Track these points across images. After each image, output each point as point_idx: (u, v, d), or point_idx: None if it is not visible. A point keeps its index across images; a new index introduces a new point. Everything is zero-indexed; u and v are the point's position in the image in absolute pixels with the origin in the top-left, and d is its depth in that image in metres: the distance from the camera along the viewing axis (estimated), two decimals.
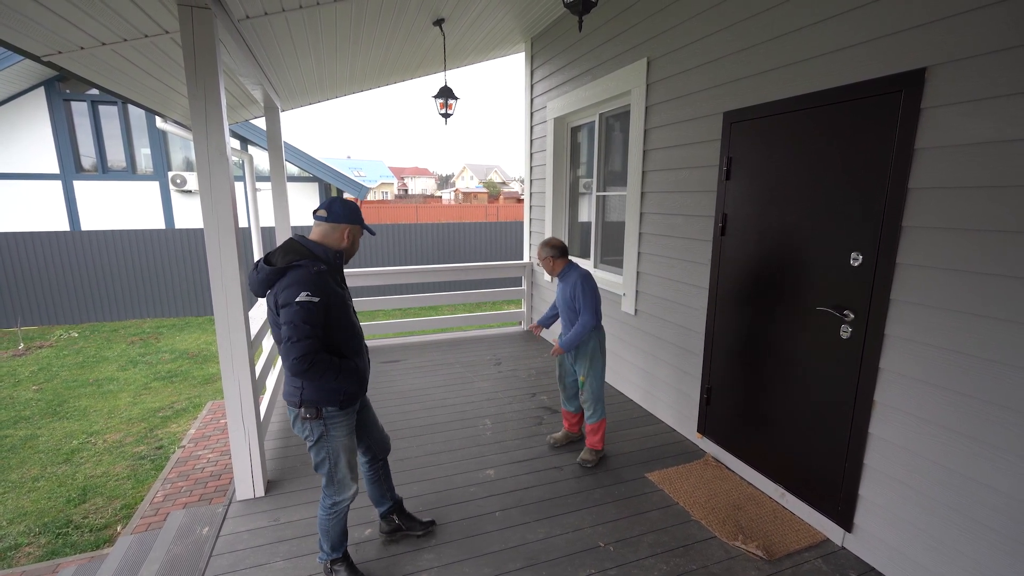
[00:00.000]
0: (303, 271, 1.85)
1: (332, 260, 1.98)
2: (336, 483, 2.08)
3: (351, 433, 2.11)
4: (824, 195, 2.43)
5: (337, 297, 1.95)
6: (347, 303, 2.05)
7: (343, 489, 2.10)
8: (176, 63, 3.40)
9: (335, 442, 2.04)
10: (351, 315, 2.07)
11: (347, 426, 2.07)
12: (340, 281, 2.05)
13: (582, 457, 3.18)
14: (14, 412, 5.42)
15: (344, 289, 2.08)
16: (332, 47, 4.09)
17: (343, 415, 2.04)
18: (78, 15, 2.47)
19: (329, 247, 1.98)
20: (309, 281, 1.83)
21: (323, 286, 1.87)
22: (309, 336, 1.80)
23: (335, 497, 2.10)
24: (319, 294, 1.84)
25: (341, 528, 2.18)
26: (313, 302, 1.81)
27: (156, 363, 7.00)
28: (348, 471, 2.09)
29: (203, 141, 2.45)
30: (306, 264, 1.88)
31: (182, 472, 4.24)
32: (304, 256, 1.91)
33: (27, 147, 9.52)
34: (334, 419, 2.01)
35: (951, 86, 1.90)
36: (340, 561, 2.23)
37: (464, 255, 11.66)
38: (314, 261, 1.91)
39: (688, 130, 3.30)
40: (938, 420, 2.03)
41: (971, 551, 1.95)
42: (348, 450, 2.08)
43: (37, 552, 3.38)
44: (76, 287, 8.93)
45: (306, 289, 1.81)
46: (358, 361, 2.05)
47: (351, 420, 2.10)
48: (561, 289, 3.12)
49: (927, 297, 2.03)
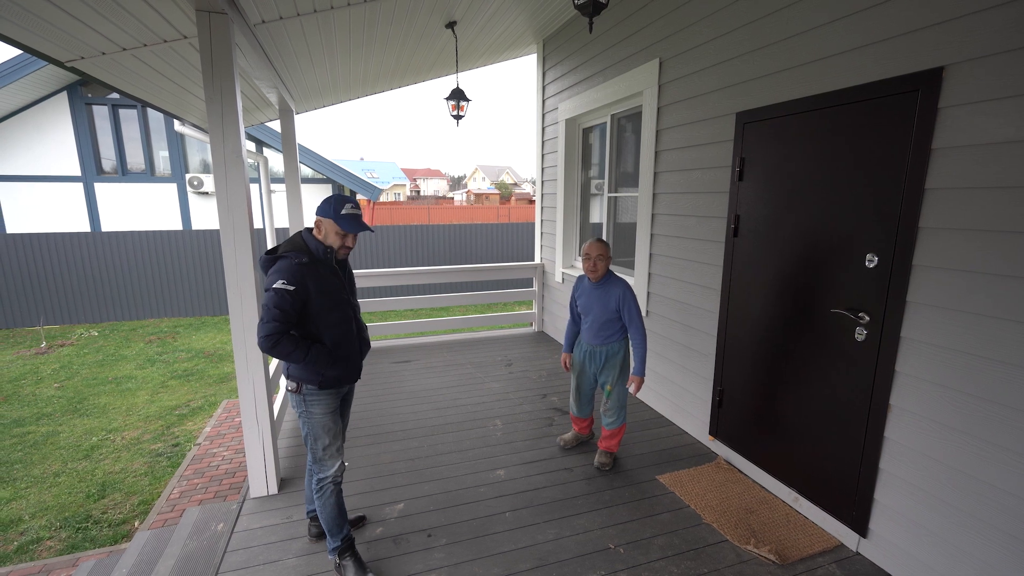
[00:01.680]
0: (286, 262, 2.04)
1: (322, 253, 2.13)
2: (318, 460, 2.22)
3: (331, 413, 2.22)
4: (839, 196, 2.40)
5: (322, 288, 2.10)
6: (338, 294, 2.17)
7: (324, 466, 2.22)
8: (194, 67, 3.47)
9: (314, 419, 2.19)
10: (342, 306, 2.19)
11: (326, 405, 2.19)
12: (336, 273, 2.18)
13: (600, 461, 3.14)
14: (36, 409, 5.56)
15: (343, 280, 2.23)
16: (346, 50, 4.13)
17: (323, 394, 2.18)
18: (100, 22, 2.54)
19: (320, 241, 2.15)
20: (288, 271, 2.01)
21: (301, 277, 2.03)
22: (276, 319, 1.99)
23: (319, 473, 2.23)
24: (294, 283, 2.01)
25: (333, 507, 2.25)
26: (287, 290, 1.99)
27: (173, 362, 7.12)
28: (328, 448, 2.21)
29: (219, 144, 2.50)
30: (291, 256, 2.06)
31: (198, 469, 4.31)
32: (297, 248, 2.10)
33: (50, 150, 9.76)
34: (313, 396, 2.17)
35: (969, 85, 1.87)
36: (347, 554, 2.27)
37: (475, 256, 11.69)
38: (299, 253, 2.08)
39: (700, 131, 3.28)
40: (955, 424, 1.99)
41: (988, 557, 1.91)
42: (327, 429, 2.21)
43: (58, 546, 3.46)
44: (96, 287, 9.13)
45: (283, 278, 2.00)
46: (339, 348, 2.18)
47: (331, 401, 2.21)
48: (600, 296, 2.95)
49: (944, 299, 2.00)
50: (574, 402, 3.29)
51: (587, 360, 3.11)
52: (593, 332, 3.02)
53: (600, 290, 2.97)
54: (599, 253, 2.91)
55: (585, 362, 3.12)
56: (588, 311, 3.02)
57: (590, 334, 3.04)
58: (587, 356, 3.10)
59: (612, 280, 2.97)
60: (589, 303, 3.00)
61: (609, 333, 2.99)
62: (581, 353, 3.13)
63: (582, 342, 3.12)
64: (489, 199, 50.32)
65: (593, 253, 2.92)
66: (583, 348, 3.11)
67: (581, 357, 3.14)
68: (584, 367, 3.14)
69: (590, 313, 3.01)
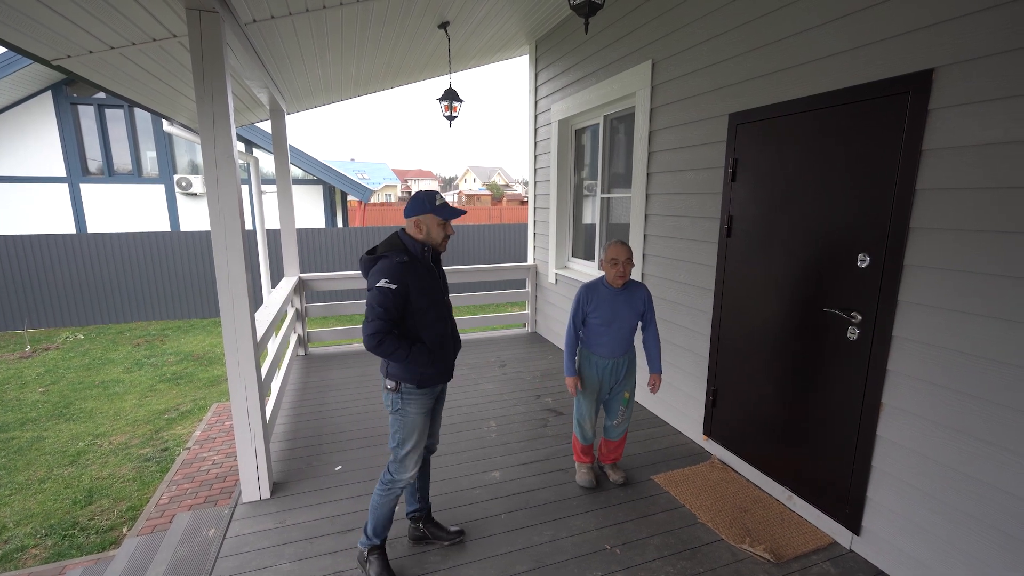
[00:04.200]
0: (387, 261, 2.07)
1: (419, 252, 2.15)
2: (400, 460, 2.21)
3: (425, 413, 2.22)
4: (831, 196, 2.42)
5: (420, 286, 2.10)
6: (434, 293, 2.18)
7: (403, 468, 2.21)
8: (183, 67, 3.42)
9: (409, 418, 2.18)
10: (438, 305, 2.20)
11: (422, 404, 2.20)
12: (431, 271, 2.19)
13: (621, 476, 2.99)
14: (21, 414, 5.45)
15: (437, 279, 2.23)
16: (338, 50, 4.11)
17: (420, 393, 2.18)
18: (88, 19, 2.49)
19: (416, 240, 2.16)
20: (389, 270, 2.04)
21: (402, 275, 2.04)
22: (381, 317, 2.02)
23: (395, 475, 2.22)
24: (397, 282, 2.02)
25: (388, 511, 2.26)
26: (390, 288, 2.01)
27: (162, 365, 7.02)
28: (412, 451, 2.21)
29: (210, 144, 2.47)
30: (391, 255, 2.09)
31: (188, 474, 4.25)
32: (396, 248, 2.13)
33: (34, 150, 9.60)
34: (411, 395, 2.17)
35: (959, 87, 1.90)
36: (376, 551, 2.28)
37: (467, 257, 11.66)
38: (399, 253, 2.10)
39: (693, 132, 3.30)
40: (946, 422, 2.02)
41: (980, 554, 1.93)
42: (419, 431, 2.20)
43: (43, 554, 3.39)
44: (82, 289, 8.98)
45: (386, 276, 2.03)
46: (437, 347, 2.19)
47: (427, 400, 2.22)
48: (627, 300, 2.73)
49: (935, 299, 2.02)
50: (589, 428, 2.91)
51: (607, 375, 2.80)
52: (618, 342, 2.75)
53: (625, 294, 2.73)
54: (627, 256, 2.65)
55: (606, 378, 2.81)
56: (613, 320, 2.71)
57: (614, 344, 2.75)
58: (608, 371, 2.79)
59: (632, 283, 2.78)
60: (615, 311, 2.71)
61: (630, 340, 2.80)
62: (599, 370, 2.79)
63: (600, 357, 2.78)
64: (481, 200, 50.28)
65: (621, 257, 2.64)
66: (603, 363, 2.78)
67: (599, 375, 2.80)
68: (603, 383, 2.83)
69: (615, 322, 2.71)
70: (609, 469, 3.06)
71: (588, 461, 3.02)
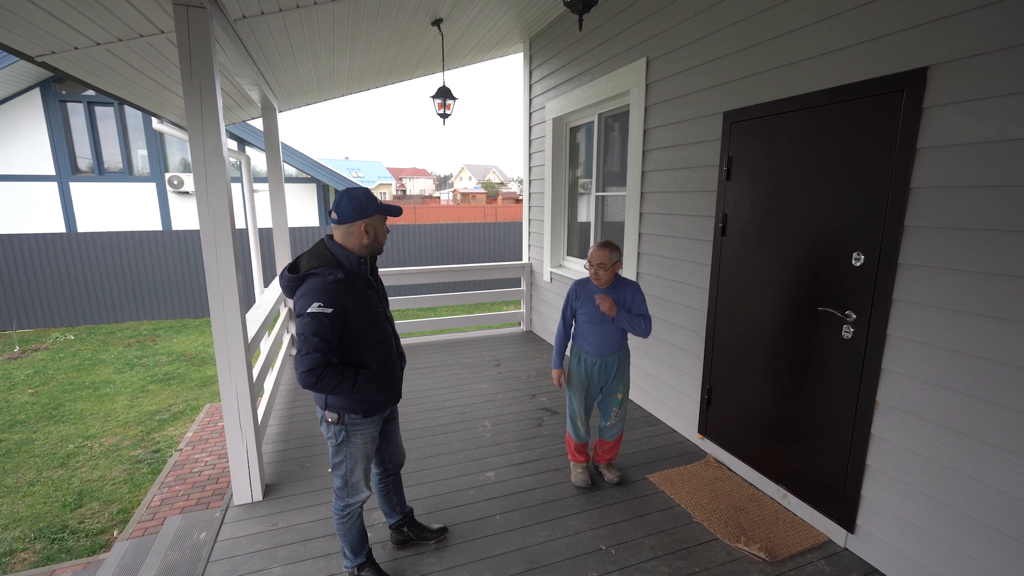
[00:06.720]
0: (319, 280, 1.78)
1: (355, 265, 1.89)
2: (349, 487, 2.07)
3: (373, 441, 2.07)
4: (826, 194, 2.42)
5: (359, 305, 1.86)
6: (374, 309, 1.93)
7: (355, 493, 2.08)
8: (172, 63, 3.37)
9: (355, 448, 2.01)
10: (379, 322, 1.96)
11: (369, 434, 2.03)
12: (370, 284, 1.95)
13: (616, 476, 2.99)
14: (9, 416, 5.38)
15: (376, 291, 1.98)
16: (330, 47, 4.06)
17: (367, 423, 2.01)
18: (72, 15, 2.44)
19: (351, 250, 1.88)
20: (323, 291, 1.75)
21: (338, 296, 1.77)
22: (317, 349, 1.73)
23: (346, 499, 2.08)
24: (332, 305, 1.75)
25: (358, 530, 2.17)
26: (325, 313, 1.73)
27: (153, 366, 6.96)
28: (363, 476, 2.08)
29: (199, 142, 2.43)
30: (322, 272, 1.80)
31: (179, 476, 4.20)
32: (327, 262, 1.84)
33: (23, 149, 9.46)
34: (356, 426, 1.98)
35: (953, 85, 1.89)
36: (365, 567, 2.22)
37: (462, 256, 11.63)
38: (332, 269, 1.82)
39: (688, 130, 3.28)
40: (940, 420, 2.02)
41: (974, 551, 1.94)
42: (366, 457, 2.06)
43: (33, 558, 3.34)
44: (72, 289, 8.88)
45: (318, 300, 1.74)
46: (385, 371, 1.98)
47: (374, 428, 2.05)
48: (614, 298, 2.70)
49: (929, 297, 2.02)
50: (581, 426, 2.91)
51: (596, 373, 2.81)
52: (605, 340, 2.74)
53: (613, 293, 2.71)
54: (599, 262, 2.63)
55: (594, 376, 2.82)
56: (600, 318, 2.71)
57: (601, 343, 2.75)
58: (597, 369, 2.80)
59: (622, 282, 2.75)
60: (600, 309, 2.70)
61: (620, 338, 2.78)
62: (587, 368, 2.81)
63: (588, 355, 2.79)
64: (476, 198, 50.23)
65: (595, 261, 2.64)
66: (591, 362, 2.79)
67: (587, 372, 2.82)
68: (592, 381, 2.84)
69: (603, 320, 2.71)
70: (604, 468, 3.06)
71: (583, 460, 3.01)
